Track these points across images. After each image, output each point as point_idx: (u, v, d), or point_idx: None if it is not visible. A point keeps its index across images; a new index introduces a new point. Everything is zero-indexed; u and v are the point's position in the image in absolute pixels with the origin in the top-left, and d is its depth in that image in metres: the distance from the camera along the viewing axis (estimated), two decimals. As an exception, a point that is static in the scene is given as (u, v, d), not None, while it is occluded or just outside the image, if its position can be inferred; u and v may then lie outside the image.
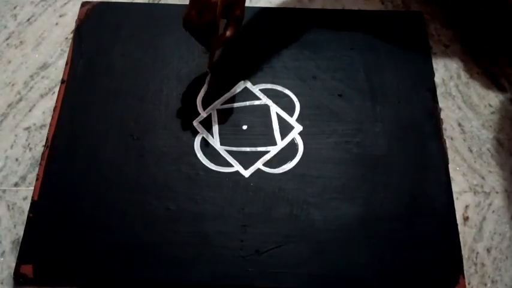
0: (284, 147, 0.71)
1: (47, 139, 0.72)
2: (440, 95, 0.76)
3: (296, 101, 0.75)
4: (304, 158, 0.71)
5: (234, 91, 0.76)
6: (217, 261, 0.64)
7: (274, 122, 0.73)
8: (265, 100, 0.75)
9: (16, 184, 0.70)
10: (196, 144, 0.72)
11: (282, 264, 0.63)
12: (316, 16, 0.83)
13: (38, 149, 0.72)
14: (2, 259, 0.65)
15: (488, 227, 0.67)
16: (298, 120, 0.73)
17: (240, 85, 0.76)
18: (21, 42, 0.82)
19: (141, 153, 0.71)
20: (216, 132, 0.73)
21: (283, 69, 0.78)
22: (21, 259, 0.64)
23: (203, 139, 0.72)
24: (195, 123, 0.73)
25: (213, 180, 0.69)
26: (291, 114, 0.74)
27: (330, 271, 0.63)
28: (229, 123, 0.73)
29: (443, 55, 0.80)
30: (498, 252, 0.66)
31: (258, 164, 0.70)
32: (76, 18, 0.83)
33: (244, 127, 0.73)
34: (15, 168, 0.71)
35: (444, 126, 0.74)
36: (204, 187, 0.68)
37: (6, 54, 0.80)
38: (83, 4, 0.84)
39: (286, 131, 0.73)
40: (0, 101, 0.76)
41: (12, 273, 0.63)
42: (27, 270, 0.63)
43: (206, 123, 0.73)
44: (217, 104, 0.75)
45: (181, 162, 0.70)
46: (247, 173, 0.69)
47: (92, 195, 0.68)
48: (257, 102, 0.75)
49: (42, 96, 0.77)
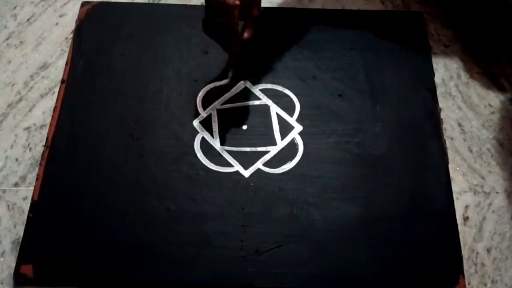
0: (284, 147, 0.71)
1: (47, 139, 0.72)
2: (440, 95, 0.76)
3: (296, 101, 0.75)
4: (304, 158, 0.70)
5: (234, 91, 0.76)
6: (217, 261, 0.64)
7: (274, 122, 0.73)
8: (265, 100, 0.75)
9: (16, 184, 0.70)
10: (196, 144, 0.72)
11: (282, 264, 0.63)
12: (316, 16, 0.83)
13: (38, 149, 0.72)
14: (2, 259, 0.65)
15: (488, 227, 0.67)
16: (298, 120, 0.73)
17: (240, 85, 0.76)
18: (21, 42, 0.82)
19: (141, 153, 0.71)
20: (216, 132, 0.73)
21: (283, 69, 0.78)
22: (21, 259, 0.64)
23: (203, 139, 0.72)
24: (195, 123, 0.73)
25: (213, 180, 0.69)
26: (291, 114, 0.74)
27: (330, 271, 0.63)
28: (229, 123, 0.73)
29: (443, 55, 0.80)
30: (498, 252, 0.66)
31: (258, 164, 0.70)
32: (76, 18, 0.83)
33: (244, 127, 0.73)
34: (15, 168, 0.71)
35: (444, 126, 0.74)
36: (204, 187, 0.68)
37: (6, 54, 0.80)
38: (83, 4, 0.84)
39: (286, 131, 0.73)
40: (0, 101, 0.76)
41: (12, 273, 0.63)
42: (27, 270, 0.63)
43: (206, 123, 0.73)
44: (217, 104, 0.75)
45: (181, 162, 0.70)
46: (247, 173, 0.69)
47: (92, 195, 0.68)
48: (257, 102, 0.75)
49: (42, 96, 0.77)
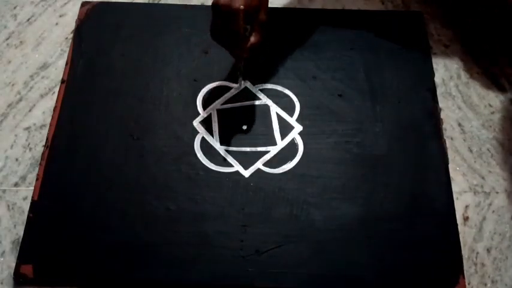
0: (284, 147, 0.71)
1: (47, 139, 0.72)
2: (440, 95, 0.76)
3: (296, 101, 0.75)
4: (304, 158, 0.70)
5: (234, 91, 0.76)
6: (217, 261, 0.64)
7: (274, 122, 0.73)
8: (265, 100, 0.75)
9: (16, 184, 0.70)
10: (196, 144, 0.72)
11: (282, 264, 0.63)
12: (316, 16, 0.83)
13: (38, 149, 0.72)
14: (2, 259, 0.65)
15: (488, 227, 0.67)
16: (298, 120, 0.73)
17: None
18: (21, 42, 0.82)
19: (141, 153, 0.71)
20: (216, 132, 0.73)
21: (283, 69, 0.78)
22: (21, 259, 0.64)
23: (203, 139, 0.72)
24: (195, 123, 0.73)
25: (213, 180, 0.69)
26: (291, 114, 0.74)
27: (330, 271, 0.63)
28: (229, 123, 0.73)
29: (443, 55, 0.80)
30: (498, 252, 0.66)
31: (258, 164, 0.70)
32: (76, 18, 0.83)
33: (244, 127, 0.73)
34: (15, 168, 0.71)
35: (444, 126, 0.74)
36: (204, 187, 0.68)
37: (6, 54, 0.80)
38: (83, 4, 0.84)
39: (286, 131, 0.73)
40: (0, 101, 0.76)
41: (12, 273, 0.63)
42: (27, 270, 0.63)
43: (206, 123, 0.73)
44: (217, 104, 0.75)
45: (181, 162, 0.70)
46: (247, 173, 0.69)
47: (92, 195, 0.68)
48: (257, 102, 0.75)
49: (42, 96, 0.77)
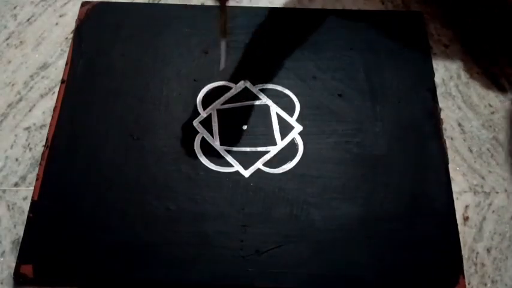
0: (284, 147, 0.71)
1: (47, 139, 0.72)
2: (440, 95, 0.76)
3: (296, 101, 0.75)
4: (304, 158, 0.70)
5: (234, 91, 0.76)
6: (217, 261, 0.64)
7: (274, 122, 0.73)
8: (265, 100, 0.75)
9: (16, 184, 0.70)
10: (196, 144, 0.72)
11: (282, 264, 0.63)
12: (316, 16, 0.83)
13: (38, 149, 0.72)
14: (2, 259, 0.65)
15: (488, 227, 0.67)
16: (298, 120, 0.73)
17: (240, 85, 0.76)
18: (21, 42, 0.82)
19: (141, 153, 0.71)
20: (216, 132, 0.73)
21: (283, 69, 0.78)
22: (21, 259, 0.64)
23: (203, 139, 0.72)
24: (195, 123, 0.73)
25: (213, 180, 0.69)
26: (291, 114, 0.74)
27: (330, 271, 0.63)
28: (229, 123, 0.73)
29: (443, 55, 0.80)
30: (498, 252, 0.66)
31: (258, 164, 0.70)
32: (76, 18, 0.83)
33: (244, 127, 0.73)
34: (15, 168, 0.71)
35: (444, 126, 0.74)
36: (204, 187, 0.68)
37: (6, 54, 0.80)
38: (83, 4, 0.84)
39: (286, 131, 0.73)
40: (0, 101, 0.76)
41: (12, 273, 0.63)
42: (27, 270, 0.63)
43: (206, 123, 0.73)
44: (217, 104, 0.75)
45: (181, 162, 0.70)
46: (247, 173, 0.69)
47: (92, 195, 0.68)
48: (257, 102, 0.75)
49: (42, 96, 0.77)
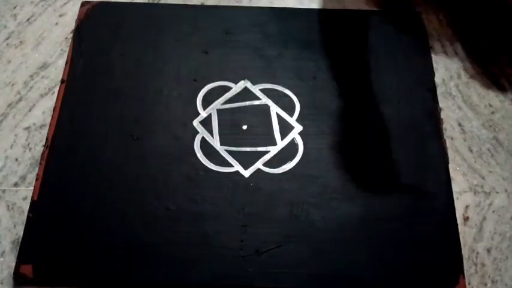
0: (284, 147, 0.71)
1: (46, 139, 0.72)
2: (440, 95, 0.76)
3: (296, 101, 0.75)
4: (304, 158, 0.70)
5: (234, 91, 0.76)
6: (217, 261, 0.64)
7: (274, 122, 0.73)
8: (265, 100, 0.75)
9: (16, 184, 0.70)
10: (196, 144, 0.72)
11: (282, 264, 0.63)
12: (316, 16, 0.83)
13: (38, 149, 0.72)
14: (2, 259, 0.65)
15: (488, 227, 0.67)
16: (298, 120, 0.73)
17: (240, 85, 0.76)
18: (21, 42, 0.82)
19: (141, 153, 0.71)
20: (216, 132, 0.73)
21: (283, 69, 0.78)
22: (21, 259, 0.64)
23: (203, 139, 0.72)
24: (195, 123, 0.73)
25: (213, 180, 0.69)
26: (291, 114, 0.74)
27: (330, 271, 0.63)
28: (229, 123, 0.73)
29: (443, 55, 0.80)
30: (498, 252, 0.66)
31: (258, 164, 0.70)
32: (76, 18, 0.83)
33: (244, 127, 0.73)
34: (15, 168, 0.71)
35: (444, 126, 0.74)
36: (204, 187, 0.68)
37: (6, 54, 0.80)
38: (83, 4, 0.84)
39: (286, 131, 0.73)
40: (0, 100, 0.76)
41: (12, 273, 0.63)
42: (27, 270, 0.63)
43: (206, 123, 0.73)
44: (217, 104, 0.75)
45: (181, 162, 0.70)
46: (247, 173, 0.69)
47: (92, 195, 0.68)
48: (257, 102, 0.75)
49: (42, 96, 0.77)
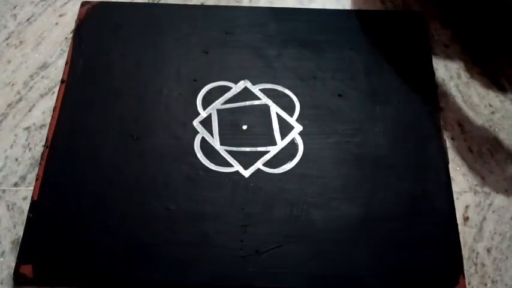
0: (284, 147, 0.71)
1: (46, 139, 0.72)
2: (440, 95, 0.76)
3: (296, 101, 0.75)
4: (304, 158, 0.70)
5: (234, 91, 0.76)
6: (217, 261, 0.64)
7: (274, 122, 0.73)
8: (265, 100, 0.75)
9: (16, 184, 0.70)
10: (196, 144, 0.72)
11: (282, 264, 0.63)
12: (316, 16, 0.83)
13: (38, 149, 0.72)
14: (2, 259, 0.65)
15: (488, 227, 0.67)
16: (298, 120, 0.73)
17: (240, 85, 0.76)
18: (21, 42, 0.82)
19: (141, 153, 0.71)
20: (216, 132, 0.73)
21: (283, 69, 0.78)
22: (21, 259, 0.64)
23: (203, 139, 0.72)
24: (195, 123, 0.73)
25: (213, 180, 0.69)
26: (291, 114, 0.74)
27: (330, 271, 0.63)
28: (229, 123, 0.73)
29: (443, 55, 0.80)
30: (498, 252, 0.66)
31: (258, 164, 0.70)
32: (76, 18, 0.83)
33: (244, 127, 0.73)
34: (15, 168, 0.71)
35: (444, 126, 0.74)
36: (204, 187, 0.68)
37: (6, 54, 0.80)
38: (83, 4, 0.84)
39: (286, 131, 0.73)
40: (0, 100, 0.76)
41: (12, 273, 0.63)
42: (27, 270, 0.63)
43: (206, 123, 0.73)
44: (217, 104, 0.75)
45: (181, 162, 0.70)
46: (247, 173, 0.69)
47: (92, 195, 0.68)
48: (257, 102, 0.75)
49: (42, 96, 0.77)
